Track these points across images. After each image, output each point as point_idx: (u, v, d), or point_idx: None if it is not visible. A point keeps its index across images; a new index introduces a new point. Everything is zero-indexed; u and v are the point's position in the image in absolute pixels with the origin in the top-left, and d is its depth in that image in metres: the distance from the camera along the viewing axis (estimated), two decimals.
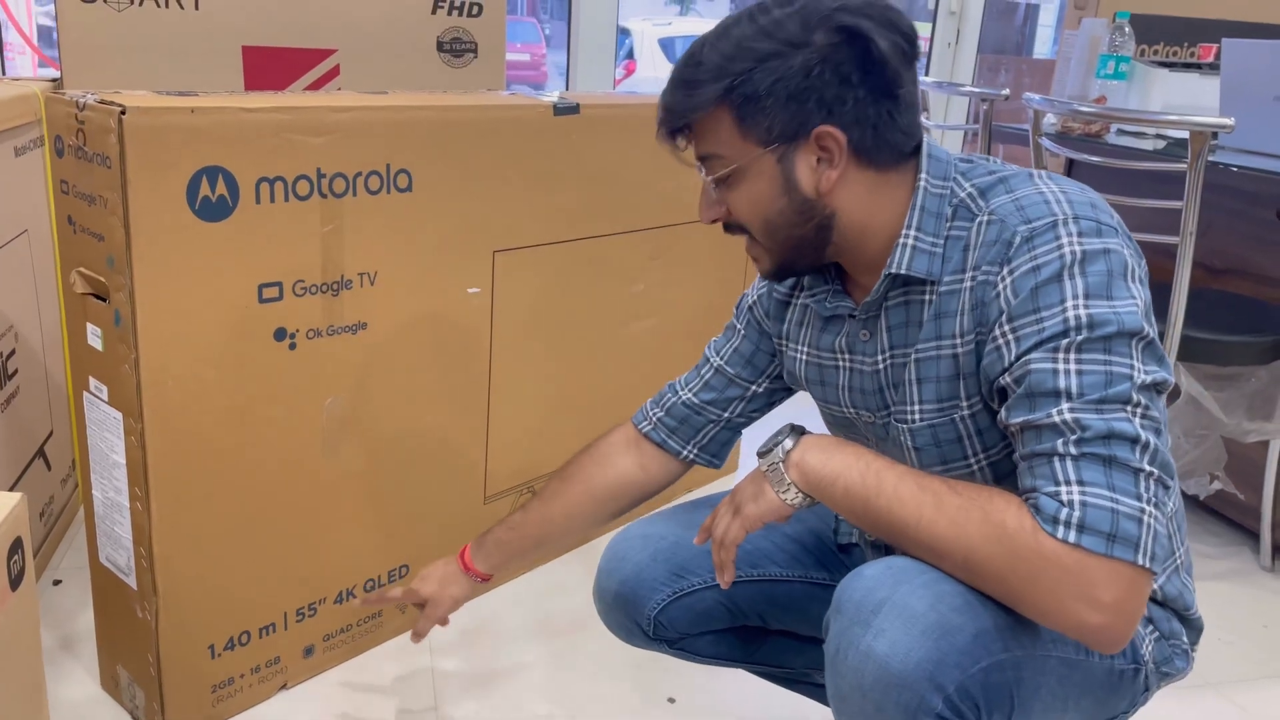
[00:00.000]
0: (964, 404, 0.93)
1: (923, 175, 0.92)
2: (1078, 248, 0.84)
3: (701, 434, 1.19)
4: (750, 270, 2.08)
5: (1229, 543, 2.06)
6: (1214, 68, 2.49)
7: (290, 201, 1.25)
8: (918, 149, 0.94)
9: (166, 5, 1.69)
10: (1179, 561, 1.00)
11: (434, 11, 1.89)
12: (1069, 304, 0.82)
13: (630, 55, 9.41)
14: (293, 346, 1.31)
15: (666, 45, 9.81)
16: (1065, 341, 0.82)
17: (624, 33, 9.34)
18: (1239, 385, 1.84)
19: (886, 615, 0.82)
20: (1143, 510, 0.78)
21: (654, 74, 9.51)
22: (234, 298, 1.24)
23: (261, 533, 1.36)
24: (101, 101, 1.11)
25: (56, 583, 1.68)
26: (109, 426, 1.25)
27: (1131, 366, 0.81)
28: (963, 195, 0.92)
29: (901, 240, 0.92)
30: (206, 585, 1.32)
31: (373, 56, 1.86)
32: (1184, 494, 1.44)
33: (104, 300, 1.20)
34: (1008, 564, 0.80)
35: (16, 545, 0.87)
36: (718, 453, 1.21)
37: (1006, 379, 0.85)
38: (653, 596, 1.16)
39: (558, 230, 1.62)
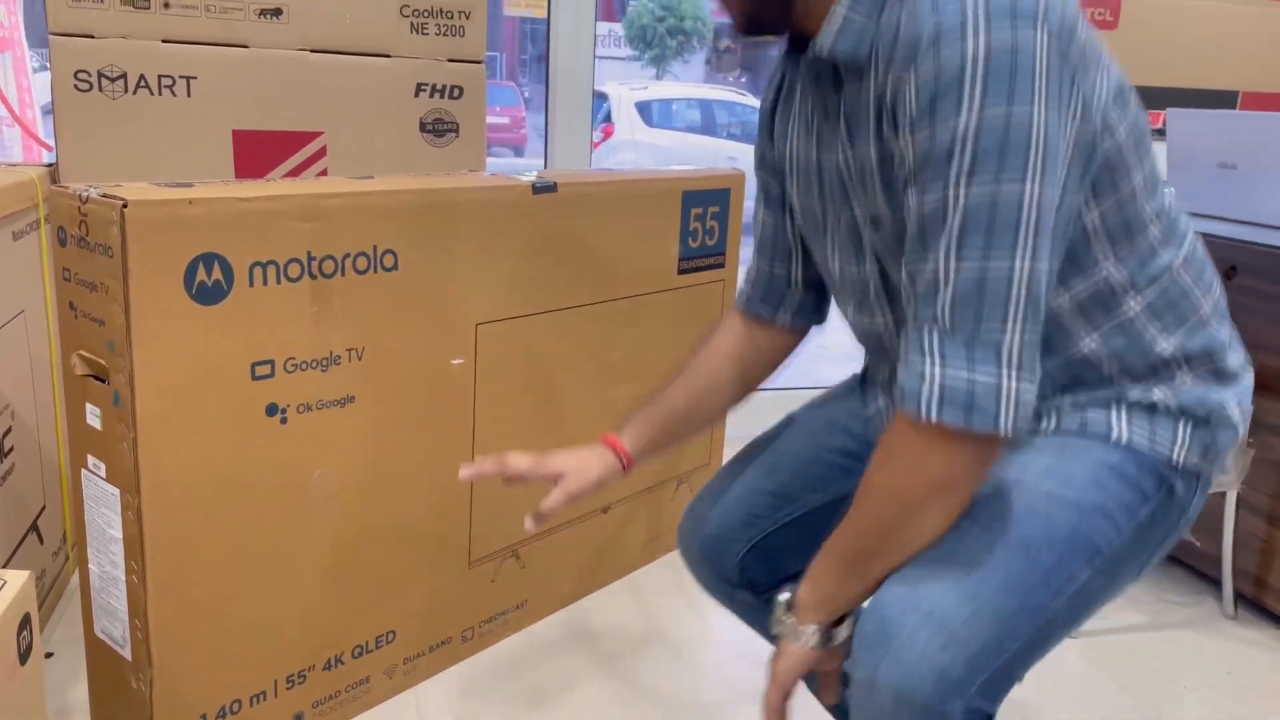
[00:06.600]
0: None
1: None
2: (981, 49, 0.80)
3: (786, 300, 1.24)
4: None
5: (1193, 591, 2.13)
6: (1160, 133, 2.60)
7: (282, 283, 1.32)
8: None
9: (160, 93, 1.77)
10: (1203, 312, 1.03)
11: (416, 94, 1.98)
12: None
13: (608, 119, 9.58)
14: (284, 421, 1.37)
15: (643, 109, 10.00)
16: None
17: (601, 97, 9.53)
18: None
19: (904, 638, 0.88)
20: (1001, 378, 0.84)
21: (631, 137, 9.69)
22: (228, 376, 1.30)
23: (253, 602, 1.40)
24: (104, 195, 1.18)
25: (48, 655, 1.70)
26: (106, 502, 1.29)
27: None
28: None
29: (834, 9, 0.92)
30: (199, 655, 1.36)
31: (358, 137, 1.94)
32: None
33: (103, 381, 1.25)
34: (901, 490, 0.90)
35: (25, 621, 0.92)
36: (810, 315, 1.25)
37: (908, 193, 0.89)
38: (732, 547, 1.22)
39: (537, 302, 1.70)
